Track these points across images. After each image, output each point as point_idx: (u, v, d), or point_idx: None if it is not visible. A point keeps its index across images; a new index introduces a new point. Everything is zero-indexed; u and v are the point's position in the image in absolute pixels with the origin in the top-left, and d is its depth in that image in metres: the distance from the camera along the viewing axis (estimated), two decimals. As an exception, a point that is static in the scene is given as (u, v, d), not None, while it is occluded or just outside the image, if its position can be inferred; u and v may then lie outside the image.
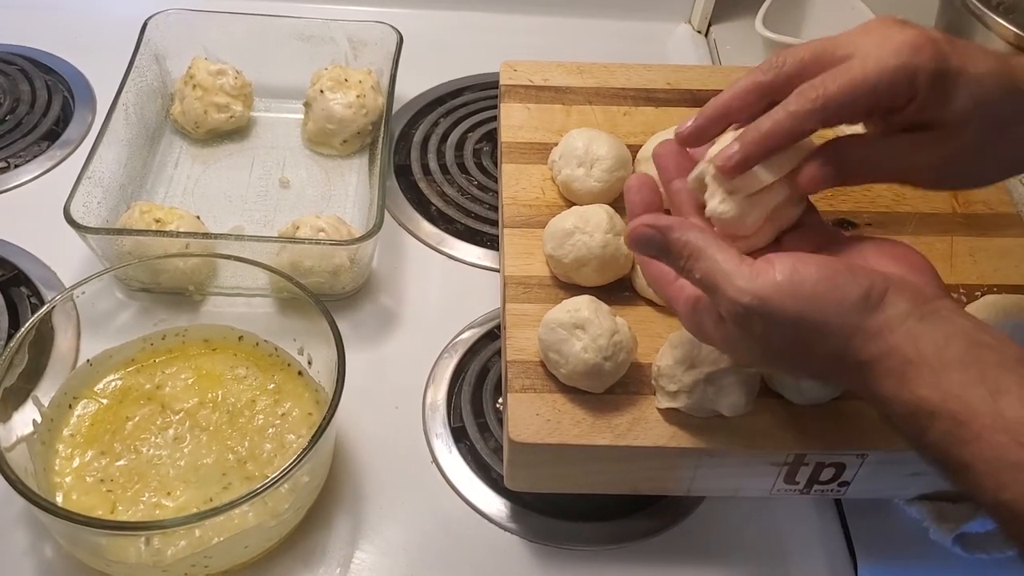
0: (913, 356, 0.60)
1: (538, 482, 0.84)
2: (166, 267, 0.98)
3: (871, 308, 0.62)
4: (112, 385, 0.91)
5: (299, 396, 0.90)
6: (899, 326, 0.61)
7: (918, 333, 0.61)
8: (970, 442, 0.57)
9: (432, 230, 1.13)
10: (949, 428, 0.58)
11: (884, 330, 0.62)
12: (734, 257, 0.64)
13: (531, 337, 0.84)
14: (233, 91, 1.19)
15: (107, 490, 0.83)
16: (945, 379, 0.59)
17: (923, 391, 0.59)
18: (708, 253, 0.65)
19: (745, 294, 0.63)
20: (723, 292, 0.64)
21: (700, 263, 0.65)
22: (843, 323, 0.62)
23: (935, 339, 0.61)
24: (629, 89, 1.09)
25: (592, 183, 0.94)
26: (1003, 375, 0.58)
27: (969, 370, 0.59)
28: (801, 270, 0.63)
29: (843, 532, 0.90)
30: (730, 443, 0.79)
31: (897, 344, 0.61)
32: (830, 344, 0.63)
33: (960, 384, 0.58)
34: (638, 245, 0.69)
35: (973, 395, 0.58)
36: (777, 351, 0.66)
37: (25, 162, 1.18)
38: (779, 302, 0.63)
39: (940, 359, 0.60)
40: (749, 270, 0.64)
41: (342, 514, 0.88)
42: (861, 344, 0.62)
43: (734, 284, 0.63)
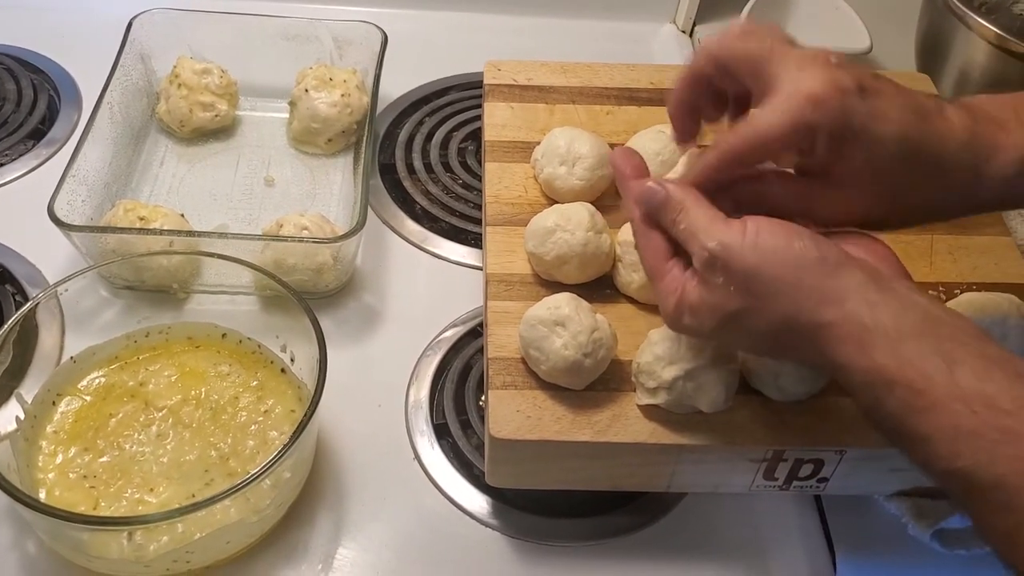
0: (870, 323, 0.61)
1: (519, 478, 0.84)
2: (150, 265, 0.98)
3: (827, 272, 0.64)
4: (96, 382, 0.91)
5: (282, 393, 0.91)
6: (856, 292, 0.63)
7: (875, 301, 0.62)
8: (927, 410, 0.58)
9: (416, 228, 1.14)
10: (906, 396, 0.59)
11: (841, 294, 0.63)
12: (714, 214, 0.68)
13: (512, 334, 0.85)
14: (218, 90, 1.19)
15: (90, 486, 0.83)
16: (902, 347, 0.60)
17: (881, 358, 0.60)
18: (689, 207, 0.69)
19: (712, 239, 0.66)
20: (697, 240, 0.67)
21: (685, 215, 0.69)
22: (798, 281, 0.64)
23: (891, 309, 0.62)
24: (612, 88, 1.09)
25: (574, 181, 0.95)
26: (957, 347, 0.59)
27: (925, 340, 0.60)
28: (767, 228, 0.65)
29: (822, 528, 0.90)
30: (710, 439, 0.79)
31: (854, 309, 0.62)
32: (784, 304, 0.64)
33: (917, 353, 0.59)
34: (645, 200, 0.72)
35: (929, 364, 0.59)
36: (732, 312, 0.67)
37: (10, 160, 1.18)
38: (739, 252, 0.65)
39: (897, 327, 0.61)
40: (722, 223, 0.67)
41: (324, 511, 0.89)
42: (817, 306, 0.63)
43: (706, 231, 0.66)
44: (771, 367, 0.80)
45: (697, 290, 0.68)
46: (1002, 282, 0.93)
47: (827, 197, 0.72)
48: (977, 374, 0.58)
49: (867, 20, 1.33)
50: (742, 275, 0.65)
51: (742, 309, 0.66)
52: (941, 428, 0.57)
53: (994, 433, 0.56)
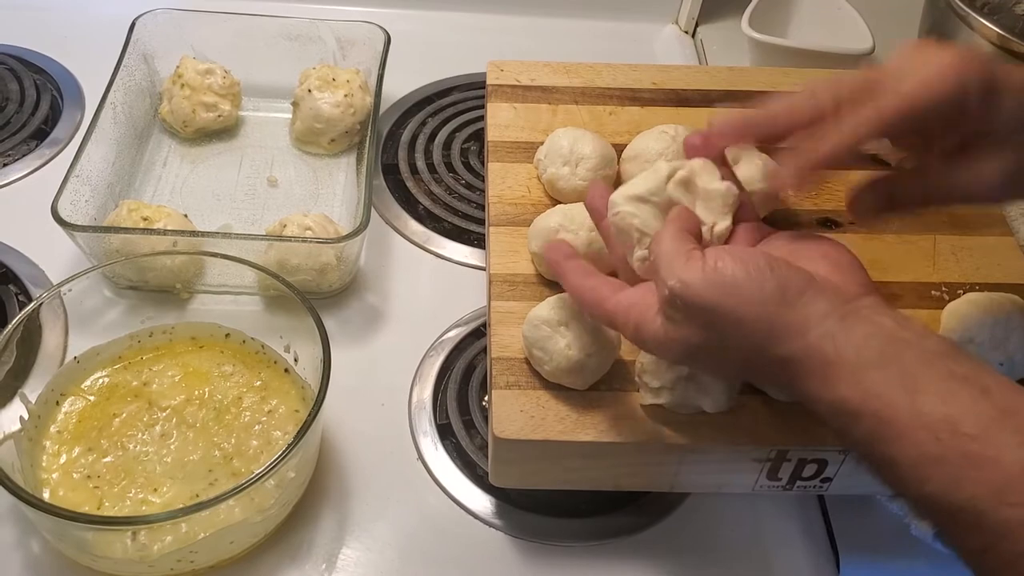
0: (832, 356, 0.61)
1: (523, 478, 0.84)
2: (153, 265, 0.98)
3: (788, 303, 0.63)
4: (99, 382, 0.91)
5: (285, 393, 0.91)
6: (817, 325, 0.62)
7: (836, 333, 0.62)
8: (892, 440, 0.58)
9: (419, 229, 1.14)
10: (872, 427, 0.59)
11: (802, 327, 0.63)
12: (681, 246, 0.67)
13: (516, 334, 0.85)
14: (221, 90, 1.19)
15: (94, 486, 0.84)
16: (865, 379, 0.60)
17: (844, 391, 0.61)
18: (660, 238, 0.69)
19: (672, 276, 0.65)
20: (660, 273, 0.67)
21: (655, 245, 0.69)
22: (758, 315, 0.63)
23: (853, 339, 0.61)
24: (615, 89, 1.09)
25: (577, 182, 0.95)
26: (921, 371, 0.59)
27: (888, 369, 0.60)
28: (724, 260, 0.65)
29: (826, 528, 0.90)
30: (713, 439, 0.79)
31: (815, 343, 0.62)
32: (746, 338, 0.64)
33: (881, 383, 0.59)
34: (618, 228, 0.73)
35: (893, 394, 0.59)
36: (696, 347, 0.66)
37: (14, 161, 1.18)
38: (698, 289, 0.64)
39: (859, 359, 0.61)
40: (685, 258, 0.66)
41: (328, 510, 0.89)
42: (779, 340, 0.63)
43: (668, 266, 0.66)
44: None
45: (661, 323, 0.67)
46: (1005, 282, 0.93)
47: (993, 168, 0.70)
48: (942, 398, 0.58)
49: (869, 21, 1.33)
50: (702, 312, 0.64)
51: (705, 344, 0.66)
52: (907, 456, 0.58)
53: (959, 459, 0.56)
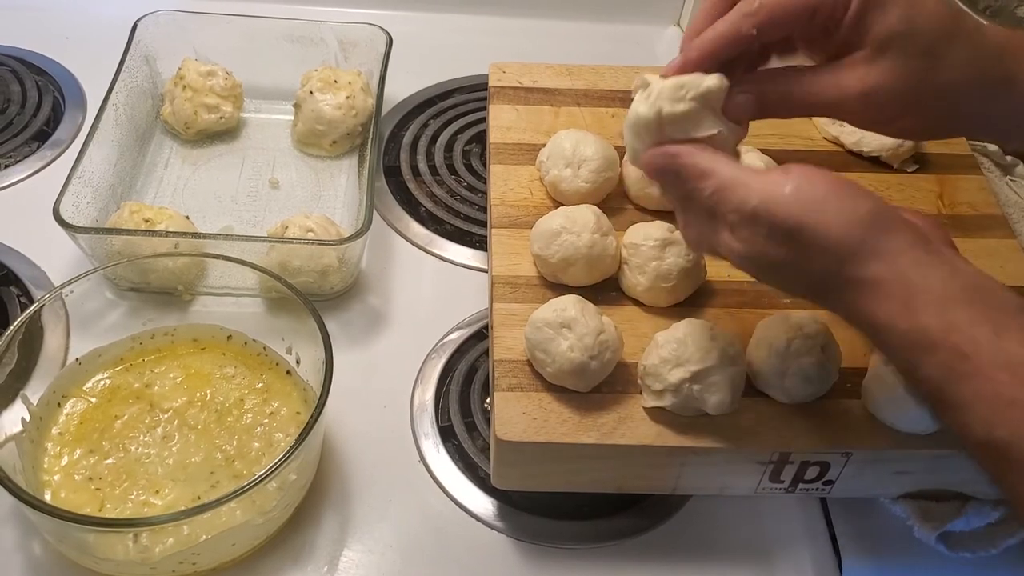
0: (919, 283, 0.60)
1: (525, 481, 0.84)
2: (155, 267, 0.98)
3: (879, 227, 0.62)
4: (101, 384, 0.91)
5: (287, 395, 0.91)
6: (905, 251, 0.61)
7: (924, 262, 0.61)
8: (969, 377, 0.57)
9: (421, 231, 1.14)
10: (949, 361, 0.58)
11: (891, 252, 0.61)
12: (744, 169, 0.65)
13: (518, 336, 0.84)
14: (223, 92, 1.19)
15: (95, 488, 0.83)
16: (950, 311, 0.58)
17: (927, 319, 0.59)
18: (715, 168, 0.66)
19: (752, 197, 0.63)
20: (731, 200, 0.64)
21: (710, 180, 0.66)
22: (847, 235, 0.62)
23: (940, 272, 0.60)
24: (617, 91, 1.09)
25: (579, 184, 0.95)
26: (1005, 317, 0.58)
27: (974, 306, 0.58)
28: (812, 178, 0.63)
29: (828, 530, 0.90)
30: (716, 442, 0.79)
31: (903, 269, 0.60)
32: (828, 257, 0.62)
33: (965, 318, 0.58)
34: (656, 173, 0.70)
35: (977, 330, 0.57)
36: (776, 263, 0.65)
37: (15, 162, 1.18)
38: (783, 205, 0.62)
39: (945, 290, 0.59)
40: (759, 176, 0.64)
41: (330, 512, 0.89)
42: (863, 261, 0.61)
43: (744, 189, 0.64)
44: (777, 369, 0.80)
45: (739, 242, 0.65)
46: (1008, 285, 0.92)
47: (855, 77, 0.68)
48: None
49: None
50: (786, 228, 0.62)
51: (785, 260, 0.64)
52: (982, 396, 0.56)
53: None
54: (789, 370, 0.80)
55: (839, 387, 0.82)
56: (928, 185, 1.03)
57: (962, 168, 1.05)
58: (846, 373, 0.83)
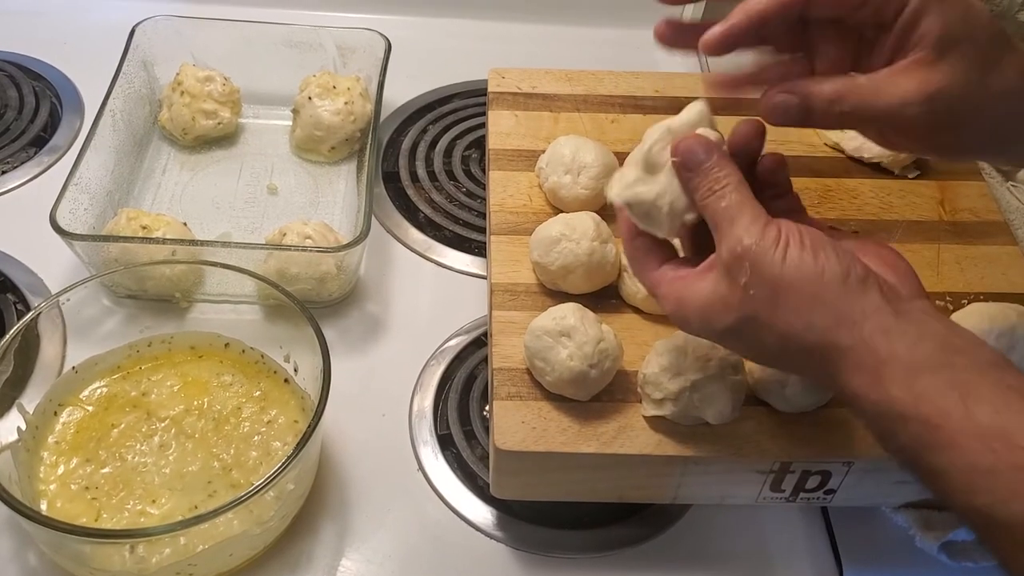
0: (885, 353, 0.60)
1: (524, 490, 0.84)
2: (152, 274, 0.98)
3: (848, 290, 0.61)
4: (97, 392, 0.91)
5: (285, 403, 0.90)
6: (871, 317, 0.61)
7: (891, 328, 0.60)
8: (943, 447, 0.56)
9: (420, 237, 1.13)
10: (920, 432, 0.57)
11: (857, 317, 0.61)
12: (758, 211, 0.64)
13: (517, 344, 0.84)
14: (221, 98, 1.19)
15: (92, 498, 0.83)
16: (917, 381, 0.58)
17: (895, 391, 0.59)
18: (742, 191, 0.65)
19: (750, 235, 0.63)
20: (734, 228, 0.63)
21: (733, 195, 0.65)
22: (817, 296, 0.61)
23: (907, 338, 0.60)
24: (617, 96, 1.09)
25: (579, 190, 0.94)
26: (974, 379, 0.58)
27: (941, 373, 0.58)
28: (797, 235, 0.63)
29: (829, 540, 0.90)
30: (716, 451, 0.79)
31: (869, 336, 0.60)
32: (800, 318, 0.62)
33: (933, 387, 0.58)
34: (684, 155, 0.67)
35: (945, 400, 0.57)
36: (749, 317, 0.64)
37: (12, 168, 1.18)
38: (769, 259, 0.62)
39: (912, 358, 0.59)
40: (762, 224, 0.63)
41: (328, 522, 0.88)
42: (832, 326, 0.61)
43: (747, 226, 0.63)
44: (778, 378, 0.80)
45: (708, 283, 0.65)
46: (1010, 292, 0.92)
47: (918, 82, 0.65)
48: (995, 407, 0.56)
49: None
50: (766, 281, 0.62)
51: (757, 316, 0.63)
52: (957, 466, 0.56)
53: (1012, 471, 0.54)
54: (790, 379, 0.79)
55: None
56: (929, 191, 1.02)
57: (963, 174, 1.05)
58: (847, 382, 0.82)
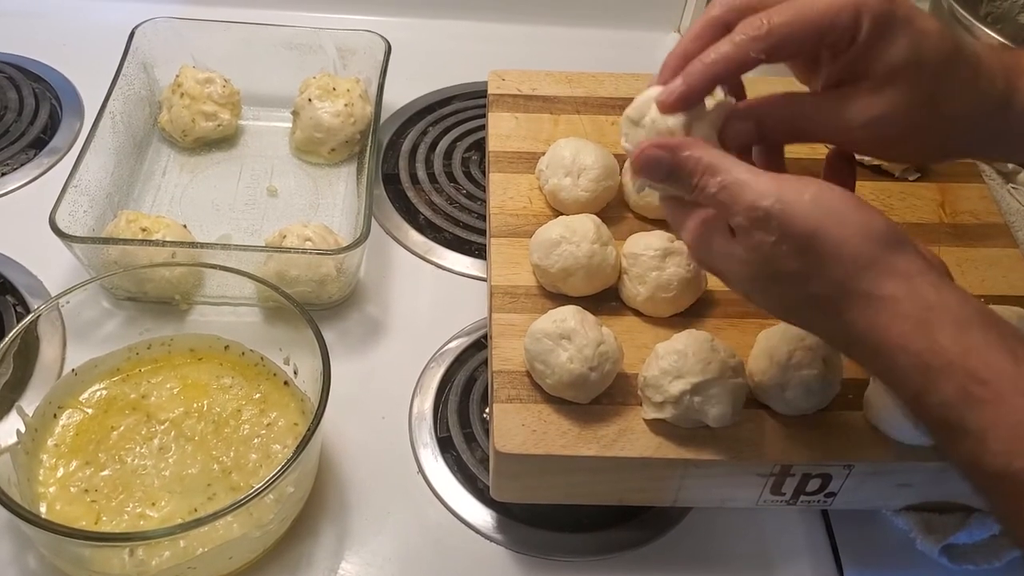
0: (936, 302, 0.58)
1: (524, 493, 0.84)
2: (152, 276, 0.98)
3: (893, 246, 0.60)
4: (97, 395, 0.91)
5: (285, 406, 0.90)
6: (920, 273, 0.59)
7: (940, 284, 0.59)
8: (987, 403, 0.55)
9: (420, 239, 1.13)
10: (965, 385, 0.56)
11: (905, 271, 0.59)
12: (754, 169, 0.63)
13: (517, 347, 0.84)
14: (221, 99, 1.18)
15: (91, 500, 0.83)
16: (967, 333, 0.57)
17: (943, 340, 0.57)
18: (725, 166, 0.63)
19: (767, 196, 0.61)
20: (743, 198, 0.62)
21: (717, 176, 0.63)
22: (862, 249, 0.60)
23: (956, 295, 0.59)
24: (617, 98, 1.09)
25: (579, 193, 0.94)
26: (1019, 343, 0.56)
27: (991, 331, 0.57)
28: (830, 189, 0.62)
29: (830, 543, 0.90)
30: (716, 454, 0.79)
31: (918, 287, 0.59)
32: (841, 270, 0.60)
33: (983, 341, 0.56)
34: (646, 168, 0.67)
35: (996, 354, 0.56)
36: (781, 273, 0.63)
37: (12, 170, 1.17)
38: (801, 209, 0.60)
39: (963, 312, 0.58)
40: (772, 178, 0.62)
41: (328, 524, 0.88)
42: (877, 277, 0.60)
43: (756, 188, 0.62)
44: (779, 381, 0.80)
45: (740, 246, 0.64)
46: (1011, 295, 0.92)
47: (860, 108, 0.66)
48: None
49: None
50: (801, 235, 0.60)
51: (792, 271, 0.62)
52: (1001, 424, 0.54)
53: None
54: (791, 382, 0.79)
55: (841, 399, 0.82)
56: (930, 193, 1.02)
57: (964, 176, 1.05)
58: (848, 385, 0.82)
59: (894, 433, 0.80)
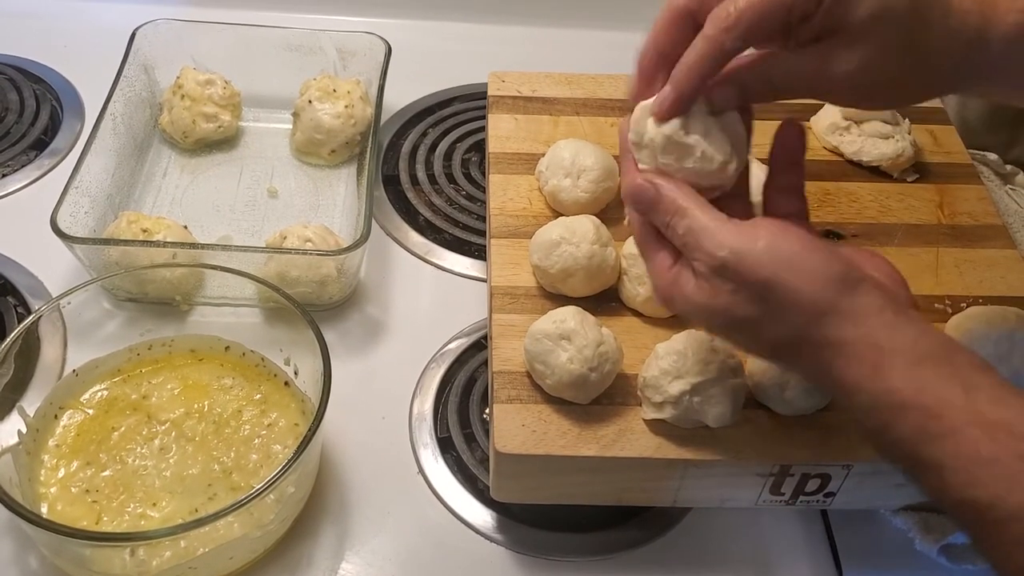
0: (887, 345, 0.60)
1: (524, 493, 0.84)
2: (153, 277, 0.98)
3: (847, 289, 0.62)
4: (98, 395, 0.91)
5: (285, 407, 0.90)
6: (875, 313, 0.61)
7: (893, 324, 0.60)
8: (942, 437, 0.56)
9: (420, 240, 1.13)
10: (921, 421, 0.57)
11: (859, 314, 0.61)
12: (719, 216, 0.65)
13: (517, 348, 0.84)
14: (221, 101, 1.19)
15: (92, 501, 0.83)
16: (919, 371, 0.58)
17: (896, 382, 0.59)
18: (691, 211, 0.65)
19: (723, 247, 0.63)
20: (702, 246, 0.64)
21: (683, 220, 0.65)
22: (816, 296, 0.61)
23: (909, 333, 0.60)
24: (617, 100, 1.09)
25: (579, 194, 0.94)
26: (976, 375, 0.58)
27: (943, 366, 0.58)
28: (784, 235, 0.63)
29: (829, 543, 0.90)
30: (716, 454, 0.79)
31: (872, 330, 0.60)
32: (797, 317, 0.62)
33: (934, 377, 0.58)
34: (634, 200, 0.69)
35: (947, 390, 0.57)
36: (741, 319, 0.64)
37: (13, 171, 1.18)
38: (755, 260, 0.62)
39: (914, 351, 0.59)
40: (732, 227, 0.64)
41: (328, 525, 0.88)
42: (832, 323, 0.61)
43: (714, 238, 0.64)
44: (778, 381, 0.80)
45: (702, 292, 0.65)
46: (1008, 295, 0.92)
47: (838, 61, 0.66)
48: (997, 399, 0.56)
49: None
50: (756, 284, 0.62)
51: (751, 317, 0.64)
52: (957, 455, 0.55)
53: (1015, 462, 0.54)
54: (790, 382, 0.79)
55: (840, 399, 0.82)
56: (928, 195, 1.03)
57: (962, 177, 1.05)
58: (847, 385, 0.82)
59: (893, 433, 0.80)
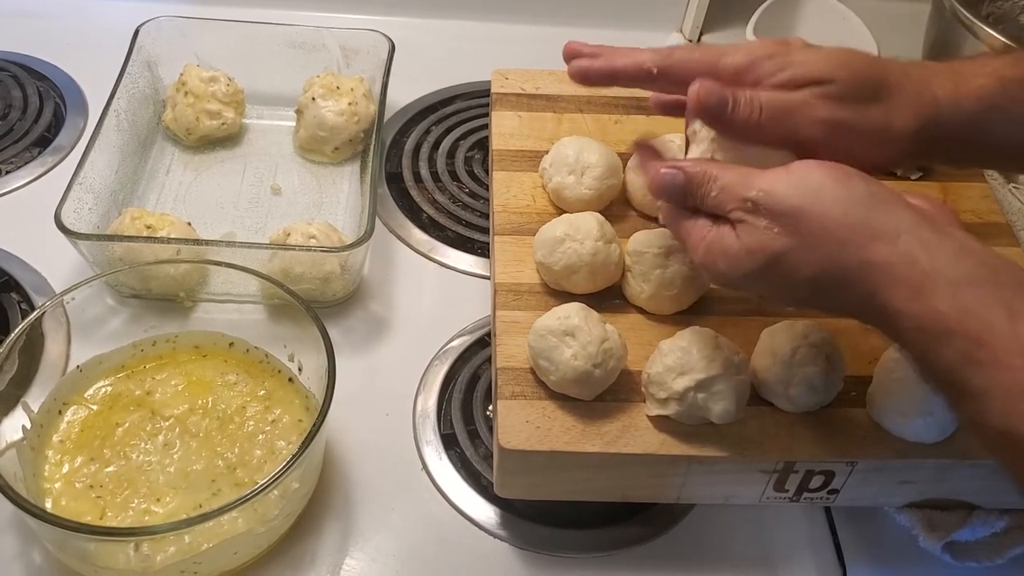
0: (926, 264, 0.59)
1: (528, 489, 0.84)
2: (157, 273, 0.98)
3: (877, 206, 0.61)
4: (102, 391, 0.91)
5: (289, 403, 0.90)
6: (909, 231, 0.60)
7: (930, 242, 0.59)
8: (986, 364, 0.55)
9: (423, 237, 1.13)
10: (965, 348, 0.56)
11: (893, 230, 0.60)
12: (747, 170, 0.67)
13: (521, 344, 0.84)
14: (225, 98, 1.19)
15: (96, 496, 0.83)
16: (962, 294, 0.57)
17: (939, 304, 0.57)
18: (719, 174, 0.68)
19: (752, 188, 0.65)
20: (736, 194, 0.66)
21: (715, 183, 0.67)
22: (845, 216, 0.62)
23: (947, 251, 0.59)
24: (620, 97, 1.09)
25: (583, 191, 0.94)
26: (1018, 297, 0.56)
27: (985, 287, 0.57)
28: (809, 168, 0.64)
29: (833, 540, 0.90)
30: (720, 450, 0.79)
31: (907, 248, 0.59)
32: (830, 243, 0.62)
33: (978, 301, 0.57)
34: (664, 188, 0.71)
35: (992, 314, 0.56)
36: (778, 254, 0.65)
37: (16, 168, 1.18)
38: (784, 192, 0.63)
39: (955, 272, 0.58)
40: (758, 173, 0.66)
41: (332, 521, 0.88)
42: (866, 242, 0.61)
43: (746, 182, 0.65)
44: (782, 377, 0.80)
45: (734, 235, 0.66)
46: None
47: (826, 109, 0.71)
48: None
49: (874, 30, 1.32)
50: (787, 214, 0.63)
51: (786, 250, 0.64)
52: (999, 385, 0.55)
53: None
54: (794, 379, 0.79)
55: (844, 396, 0.82)
56: (932, 193, 1.02)
57: (966, 176, 1.05)
58: (851, 382, 0.82)
59: (897, 430, 0.80)
